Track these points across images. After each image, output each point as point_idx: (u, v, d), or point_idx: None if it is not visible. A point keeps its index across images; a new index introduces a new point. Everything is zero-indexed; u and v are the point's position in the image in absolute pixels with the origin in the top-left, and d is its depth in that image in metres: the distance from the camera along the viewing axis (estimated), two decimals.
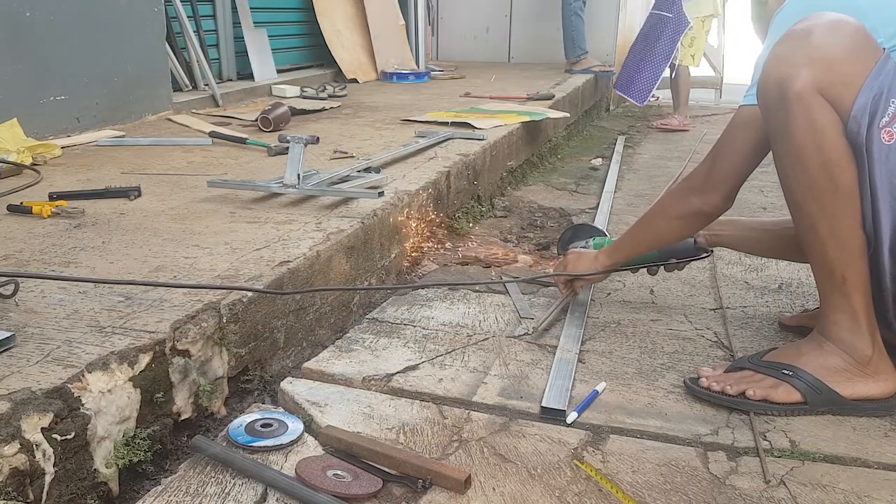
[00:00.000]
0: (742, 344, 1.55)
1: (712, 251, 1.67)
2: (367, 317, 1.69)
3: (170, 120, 3.25)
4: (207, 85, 3.76)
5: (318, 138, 2.06)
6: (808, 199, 1.24)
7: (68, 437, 0.99)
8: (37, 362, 1.08)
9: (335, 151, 2.59)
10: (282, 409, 1.30)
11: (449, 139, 2.85)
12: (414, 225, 2.11)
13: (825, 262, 1.26)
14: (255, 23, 4.35)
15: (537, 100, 4.03)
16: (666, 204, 1.52)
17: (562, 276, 1.69)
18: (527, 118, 3.34)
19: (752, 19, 1.59)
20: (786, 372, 1.28)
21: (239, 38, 4.28)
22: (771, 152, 1.33)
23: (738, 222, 1.68)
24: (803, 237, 1.29)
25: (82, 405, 1.02)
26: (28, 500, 0.93)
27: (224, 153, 2.62)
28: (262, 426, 1.20)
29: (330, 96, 4.08)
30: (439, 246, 2.26)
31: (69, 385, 1.02)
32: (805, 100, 1.18)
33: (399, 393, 1.35)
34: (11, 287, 1.29)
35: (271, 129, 3.00)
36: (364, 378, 1.39)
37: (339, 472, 1.08)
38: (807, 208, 1.25)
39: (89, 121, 2.93)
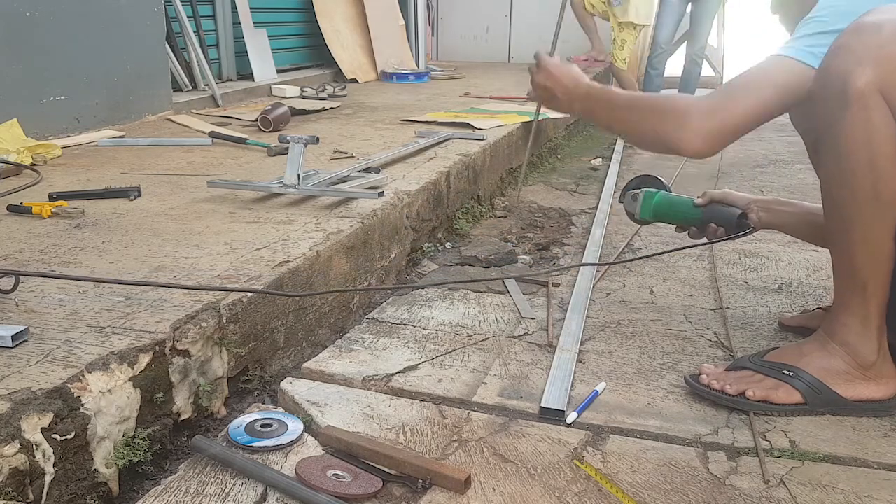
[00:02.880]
0: (742, 344, 1.55)
1: (755, 228, 1.54)
2: (367, 317, 1.69)
3: (170, 120, 3.25)
4: (207, 85, 3.76)
5: (317, 138, 2.06)
6: (846, 201, 1.20)
7: (68, 437, 0.99)
8: (37, 362, 1.08)
9: (335, 151, 2.59)
10: (282, 409, 1.30)
11: (449, 139, 2.85)
12: (414, 225, 2.11)
13: (850, 265, 1.23)
14: (255, 23, 4.35)
15: None
16: (656, 119, 1.34)
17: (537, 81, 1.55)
18: (527, 118, 3.34)
19: (773, 9, 1.50)
20: (786, 372, 1.28)
21: (239, 38, 4.28)
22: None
23: (799, 206, 1.57)
24: (832, 236, 1.26)
25: (82, 405, 1.02)
26: (28, 500, 0.93)
27: (224, 153, 2.62)
28: (261, 426, 1.20)
29: (330, 96, 4.09)
30: (439, 246, 2.26)
31: (69, 385, 1.02)
32: (865, 99, 1.13)
33: (399, 393, 1.35)
34: (11, 282, 1.29)
35: (271, 129, 3.00)
36: (364, 378, 1.39)
37: (339, 473, 1.08)
38: (843, 210, 1.22)
39: (89, 121, 2.93)
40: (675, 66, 8.67)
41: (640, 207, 1.67)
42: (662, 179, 1.71)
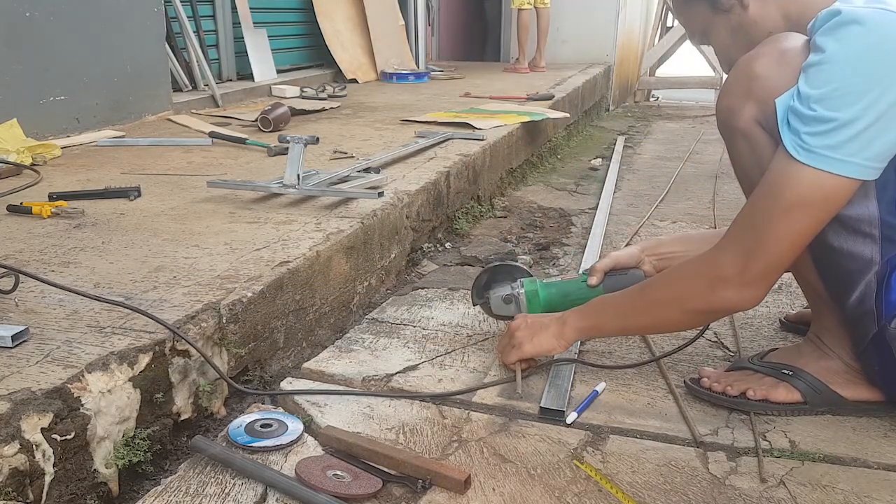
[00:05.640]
0: (742, 344, 1.55)
1: None
2: (366, 317, 1.69)
3: (169, 120, 3.25)
4: (207, 85, 3.76)
5: (317, 138, 2.06)
6: None
7: (68, 437, 0.99)
8: (37, 362, 1.08)
9: (335, 152, 2.59)
10: (281, 410, 1.30)
11: (449, 139, 2.85)
12: (414, 225, 2.11)
13: (797, 274, 1.29)
14: (255, 23, 4.35)
15: (537, 100, 4.03)
16: (684, 293, 1.20)
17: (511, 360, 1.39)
18: (526, 118, 3.34)
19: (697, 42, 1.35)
20: (786, 372, 1.28)
21: (239, 38, 4.28)
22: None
23: (689, 239, 1.54)
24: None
25: (82, 405, 1.02)
26: (28, 501, 0.93)
27: (224, 153, 2.62)
28: (261, 426, 1.20)
29: (330, 96, 4.09)
30: (439, 246, 2.26)
31: (69, 385, 1.02)
32: (747, 131, 1.19)
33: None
34: (11, 282, 1.28)
35: (271, 129, 3.00)
36: (364, 378, 1.39)
37: (338, 473, 1.08)
38: None
39: (89, 121, 2.93)
40: (675, 66, 8.68)
41: (527, 308, 1.49)
42: (517, 263, 1.58)
